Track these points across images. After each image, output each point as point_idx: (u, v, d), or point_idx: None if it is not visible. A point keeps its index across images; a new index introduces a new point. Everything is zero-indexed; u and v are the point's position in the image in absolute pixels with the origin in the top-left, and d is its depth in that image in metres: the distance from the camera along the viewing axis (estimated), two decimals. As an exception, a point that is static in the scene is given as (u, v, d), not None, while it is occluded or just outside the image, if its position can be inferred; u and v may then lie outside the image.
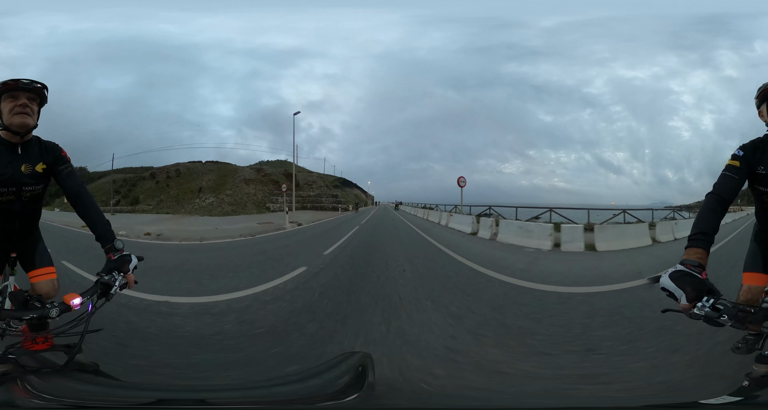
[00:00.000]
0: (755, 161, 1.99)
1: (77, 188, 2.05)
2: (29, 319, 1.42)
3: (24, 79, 1.93)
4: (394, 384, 2.39)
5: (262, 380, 2.45)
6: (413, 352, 3.14)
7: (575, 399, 2.43)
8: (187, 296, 5.15)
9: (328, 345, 3.33)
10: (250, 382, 2.31)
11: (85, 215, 2.00)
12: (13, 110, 1.92)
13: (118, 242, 1.87)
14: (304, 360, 2.97)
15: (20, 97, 1.93)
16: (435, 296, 5.15)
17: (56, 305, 1.48)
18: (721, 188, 1.89)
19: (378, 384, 2.24)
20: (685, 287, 1.37)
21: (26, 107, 1.94)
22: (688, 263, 1.46)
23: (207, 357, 3.12)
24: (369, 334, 3.62)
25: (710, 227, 1.69)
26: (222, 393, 1.62)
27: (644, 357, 3.06)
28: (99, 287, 1.65)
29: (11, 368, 1.29)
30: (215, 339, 3.54)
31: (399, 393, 2.19)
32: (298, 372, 1.86)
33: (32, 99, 1.97)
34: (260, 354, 3.13)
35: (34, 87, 1.96)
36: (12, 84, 1.91)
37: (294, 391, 1.54)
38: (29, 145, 2.05)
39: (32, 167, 2.04)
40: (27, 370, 1.28)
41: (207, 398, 1.41)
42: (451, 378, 2.68)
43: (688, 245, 1.61)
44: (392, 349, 3.21)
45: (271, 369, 2.90)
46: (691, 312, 1.34)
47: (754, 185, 2.08)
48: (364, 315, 4.24)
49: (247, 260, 8.64)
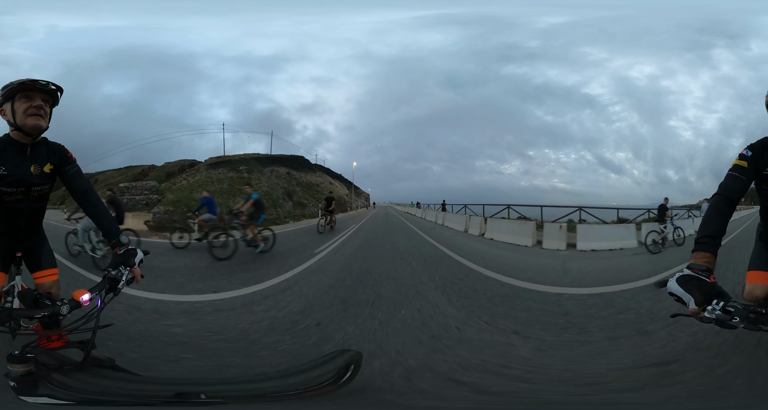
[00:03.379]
0: (764, 161, 1.95)
1: (84, 187, 2.07)
2: (41, 317, 1.42)
3: (41, 81, 1.89)
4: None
5: (256, 374, 2.50)
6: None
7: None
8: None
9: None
10: (243, 377, 2.35)
11: (91, 212, 2.03)
12: (28, 110, 1.89)
13: (124, 236, 1.89)
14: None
15: (36, 98, 1.90)
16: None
17: (66, 302, 1.48)
18: (728, 189, 1.84)
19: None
20: (693, 291, 1.35)
21: (41, 109, 1.91)
22: (695, 267, 1.43)
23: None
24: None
25: (717, 230, 1.64)
26: (220, 386, 1.66)
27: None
28: (107, 283, 1.66)
29: (33, 367, 1.31)
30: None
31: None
32: (291, 368, 1.94)
33: (46, 101, 1.94)
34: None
35: (50, 89, 1.93)
36: (30, 84, 1.87)
37: (287, 385, 1.62)
38: (37, 146, 2.04)
39: (40, 167, 2.03)
40: (49, 368, 1.29)
41: (203, 392, 1.45)
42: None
43: (695, 248, 1.57)
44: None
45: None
46: (702, 316, 1.33)
47: (761, 186, 2.05)
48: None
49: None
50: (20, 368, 1.32)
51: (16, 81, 1.86)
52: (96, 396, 1.23)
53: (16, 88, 1.86)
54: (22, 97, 1.88)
